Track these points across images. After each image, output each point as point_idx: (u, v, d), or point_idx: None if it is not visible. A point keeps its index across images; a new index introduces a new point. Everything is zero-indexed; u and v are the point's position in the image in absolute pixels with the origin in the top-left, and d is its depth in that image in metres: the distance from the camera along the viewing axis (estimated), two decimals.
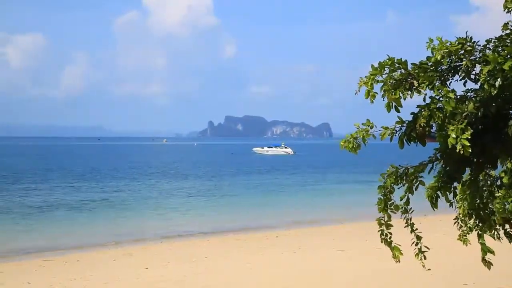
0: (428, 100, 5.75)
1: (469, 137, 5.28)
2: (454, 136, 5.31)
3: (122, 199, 45.50)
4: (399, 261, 6.64)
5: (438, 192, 6.33)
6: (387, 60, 5.91)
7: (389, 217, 6.49)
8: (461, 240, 7.38)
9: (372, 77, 5.92)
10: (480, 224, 6.76)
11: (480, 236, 6.95)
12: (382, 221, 6.55)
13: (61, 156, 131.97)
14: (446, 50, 5.74)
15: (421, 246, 6.78)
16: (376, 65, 5.94)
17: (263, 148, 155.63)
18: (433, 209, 6.42)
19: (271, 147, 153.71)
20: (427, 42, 5.96)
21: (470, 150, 5.27)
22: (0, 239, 27.78)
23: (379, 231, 6.58)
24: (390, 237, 6.60)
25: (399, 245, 6.65)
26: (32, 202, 42.50)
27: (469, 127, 5.32)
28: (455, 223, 7.24)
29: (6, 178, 64.48)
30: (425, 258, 6.77)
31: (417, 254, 6.79)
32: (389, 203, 6.40)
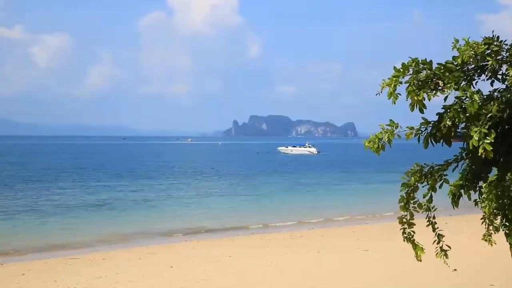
0: (453, 100, 5.68)
1: (492, 141, 5.21)
2: (476, 138, 5.25)
3: (148, 198, 45.84)
4: (421, 260, 6.56)
5: (461, 191, 6.25)
6: (411, 61, 5.85)
7: (412, 215, 6.42)
8: (485, 240, 7.28)
9: (395, 78, 5.86)
10: (508, 224, 6.66)
11: (508, 236, 6.84)
12: (404, 220, 6.48)
13: (94, 155, 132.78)
14: (472, 52, 5.65)
15: (442, 245, 6.68)
16: (398, 66, 5.88)
17: (287, 147, 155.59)
18: (454, 207, 6.33)
19: (295, 147, 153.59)
20: (452, 43, 5.88)
21: (492, 155, 5.21)
22: (28, 238, 28.18)
23: (401, 229, 6.51)
24: (412, 235, 6.53)
25: (421, 244, 6.58)
26: (60, 201, 43.09)
27: (492, 130, 5.25)
28: (482, 222, 7.14)
29: (47, 176, 66.42)
30: (446, 257, 6.67)
31: (438, 254, 6.70)
32: (412, 201, 6.34)
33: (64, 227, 31.46)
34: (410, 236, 6.53)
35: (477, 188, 6.25)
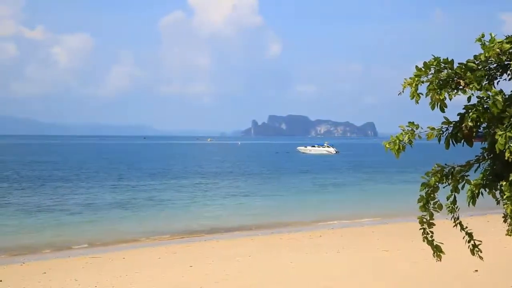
0: (475, 100, 5.62)
1: None
2: (502, 142, 5.21)
3: (169, 198, 46.03)
4: (440, 260, 6.52)
5: (482, 190, 6.18)
6: (433, 60, 5.79)
7: (431, 215, 6.37)
8: (510, 235, 7.18)
9: (416, 78, 5.81)
10: None
11: None
12: (424, 220, 6.43)
13: (118, 155, 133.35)
14: (497, 50, 5.58)
15: (474, 242, 6.61)
16: (420, 65, 5.83)
17: (306, 147, 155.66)
18: (469, 205, 6.25)
19: (314, 146, 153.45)
20: (478, 37, 5.79)
21: None
22: (49, 236, 28.44)
23: (420, 229, 6.46)
24: (431, 236, 6.47)
25: (441, 243, 6.53)
26: (85, 200, 43.47)
27: None
28: (504, 221, 7.06)
29: (75, 176, 67.69)
30: (481, 251, 6.59)
31: (472, 250, 6.62)
32: (432, 201, 6.28)
33: (86, 226, 31.72)
34: (429, 237, 6.48)
35: (499, 187, 6.18)
